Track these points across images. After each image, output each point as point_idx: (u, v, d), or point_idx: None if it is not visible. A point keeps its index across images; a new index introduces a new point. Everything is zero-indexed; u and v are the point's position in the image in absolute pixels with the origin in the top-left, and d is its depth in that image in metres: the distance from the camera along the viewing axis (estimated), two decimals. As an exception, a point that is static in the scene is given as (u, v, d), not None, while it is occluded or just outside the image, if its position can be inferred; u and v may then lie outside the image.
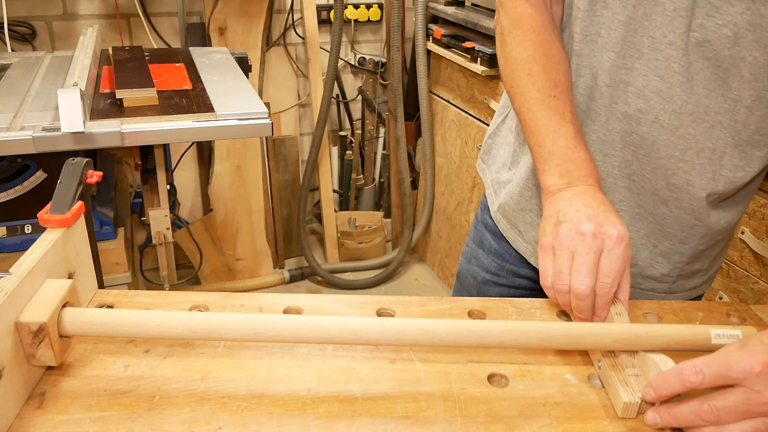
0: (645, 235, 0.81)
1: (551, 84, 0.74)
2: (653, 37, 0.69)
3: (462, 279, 1.05)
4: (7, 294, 0.51)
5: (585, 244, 0.63)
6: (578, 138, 0.73)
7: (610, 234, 0.64)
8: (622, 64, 0.72)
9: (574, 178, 0.71)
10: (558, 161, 0.72)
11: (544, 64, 0.75)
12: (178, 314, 0.56)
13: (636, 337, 0.57)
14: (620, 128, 0.75)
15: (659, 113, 0.72)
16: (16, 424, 0.51)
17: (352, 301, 0.70)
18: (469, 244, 1.04)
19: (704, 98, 0.69)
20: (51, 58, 1.70)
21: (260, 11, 2.22)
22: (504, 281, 0.97)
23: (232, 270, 2.41)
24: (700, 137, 0.71)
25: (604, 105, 0.75)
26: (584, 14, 0.73)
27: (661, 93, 0.70)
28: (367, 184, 2.74)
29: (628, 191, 0.78)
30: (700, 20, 0.66)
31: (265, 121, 1.30)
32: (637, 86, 0.72)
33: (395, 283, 2.56)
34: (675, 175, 0.74)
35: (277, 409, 0.54)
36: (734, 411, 0.50)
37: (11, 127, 1.19)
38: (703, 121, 0.70)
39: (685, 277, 0.85)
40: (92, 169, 0.68)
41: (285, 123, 2.49)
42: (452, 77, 2.26)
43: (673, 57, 0.68)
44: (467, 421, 0.54)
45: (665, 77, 0.70)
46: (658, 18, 0.68)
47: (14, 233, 1.52)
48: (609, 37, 0.72)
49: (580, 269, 0.62)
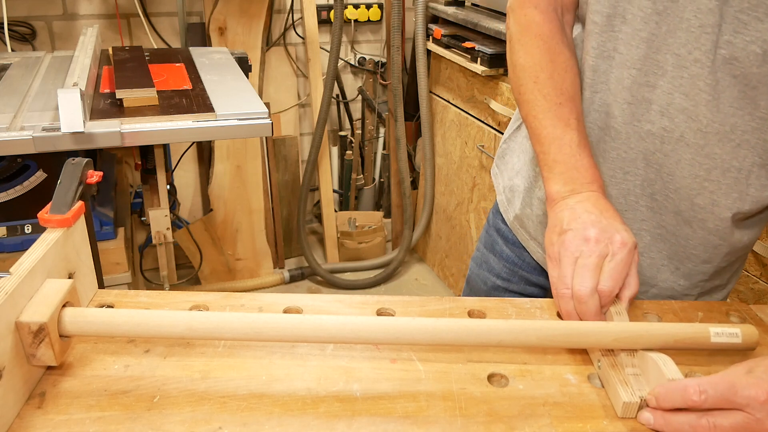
0: (667, 256, 0.79)
1: (557, 92, 0.74)
2: (678, 54, 0.67)
3: (472, 284, 1.04)
4: (7, 294, 0.51)
5: (588, 248, 0.64)
6: (582, 145, 0.72)
7: (614, 239, 0.64)
8: (645, 81, 0.70)
9: (577, 185, 0.71)
10: (562, 169, 0.72)
11: (550, 72, 0.75)
12: (178, 314, 0.56)
13: (636, 335, 0.57)
14: (643, 147, 0.73)
15: (684, 131, 0.70)
16: (16, 424, 0.51)
17: (352, 301, 0.70)
18: (480, 249, 1.02)
19: (731, 117, 0.67)
20: (51, 58, 1.70)
21: (260, 11, 2.22)
22: (515, 288, 0.96)
23: (232, 270, 2.41)
24: (726, 156, 0.69)
25: (625, 122, 0.73)
26: (601, 29, 0.72)
27: (687, 111, 0.69)
28: (367, 184, 2.74)
29: (650, 211, 0.77)
30: (728, 37, 0.63)
31: (265, 121, 1.30)
32: (660, 104, 0.70)
33: (395, 283, 2.56)
34: (700, 195, 0.72)
35: (277, 409, 0.54)
36: (730, 430, 0.50)
37: (11, 127, 1.19)
38: (730, 140, 0.68)
39: (705, 294, 0.83)
40: (92, 169, 0.68)
41: (285, 123, 2.49)
42: (452, 77, 2.26)
43: (699, 74, 0.66)
44: (467, 421, 0.54)
45: (690, 95, 0.68)
46: (683, 35, 0.66)
47: (14, 233, 1.52)
48: (629, 53, 0.70)
49: (582, 272, 0.63)
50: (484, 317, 0.68)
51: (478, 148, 2.13)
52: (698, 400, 0.50)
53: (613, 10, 0.70)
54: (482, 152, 2.10)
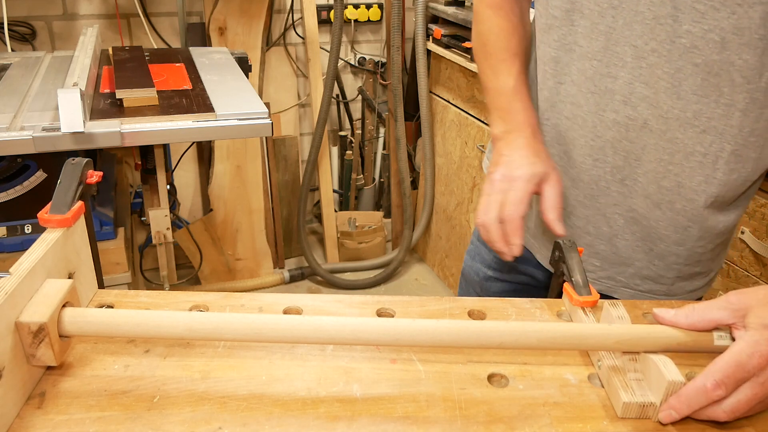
0: (640, 238, 0.82)
1: (502, 51, 0.85)
2: (635, 45, 0.70)
3: (466, 276, 1.08)
4: (7, 294, 0.51)
5: (493, 186, 0.76)
6: (517, 91, 0.81)
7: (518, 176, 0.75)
8: (606, 72, 0.73)
9: (511, 126, 0.80)
10: (500, 113, 0.82)
11: (497, 35, 0.85)
12: (178, 314, 0.55)
13: (638, 338, 0.57)
14: (610, 135, 0.76)
15: (647, 119, 0.73)
16: (16, 424, 0.51)
17: (352, 301, 0.70)
18: (473, 242, 1.06)
19: (694, 104, 0.70)
20: (51, 58, 1.70)
21: (260, 11, 2.22)
22: (507, 277, 0.99)
23: (232, 270, 2.41)
24: (689, 142, 0.72)
25: (591, 111, 0.76)
26: (561, 23, 0.75)
27: (648, 99, 0.72)
28: (367, 184, 2.74)
29: (621, 195, 0.80)
30: (687, 26, 0.66)
31: (265, 121, 1.30)
32: (623, 94, 0.73)
33: (395, 283, 2.56)
34: (666, 178, 0.76)
35: (277, 409, 0.54)
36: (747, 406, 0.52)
37: (11, 127, 1.19)
38: (693, 126, 0.71)
39: (684, 279, 0.85)
40: (92, 169, 0.68)
41: (285, 123, 2.49)
42: (452, 77, 2.26)
43: (657, 64, 0.69)
44: (467, 421, 0.54)
45: (650, 84, 0.71)
46: (638, 27, 0.69)
47: (14, 233, 1.52)
48: (589, 46, 0.74)
49: (483, 206, 0.75)
50: (485, 317, 0.68)
51: (478, 148, 2.13)
52: (723, 393, 0.52)
53: (571, 5, 0.74)
54: (482, 152, 2.10)
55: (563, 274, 0.71)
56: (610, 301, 0.64)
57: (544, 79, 0.81)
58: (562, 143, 0.82)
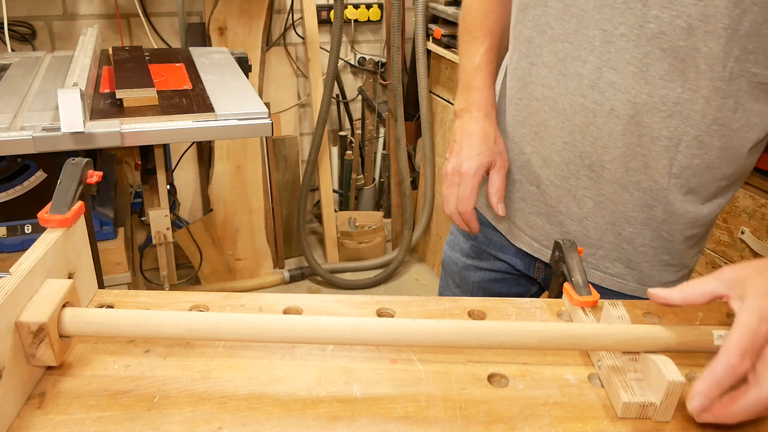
0: (609, 221, 0.83)
1: (476, 29, 0.89)
2: (605, 29, 0.71)
3: (446, 266, 1.09)
4: (7, 294, 0.51)
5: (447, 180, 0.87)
6: (480, 68, 0.87)
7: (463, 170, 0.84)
8: (576, 55, 0.74)
9: (468, 104, 0.87)
10: (461, 89, 0.89)
11: (476, 12, 0.90)
12: (178, 314, 0.56)
13: (638, 338, 0.57)
14: (578, 120, 0.77)
15: (614, 104, 0.74)
16: (16, 424, 0.51)
17: (352, 301, 0.70)
18: (452, 232, 1.08)
19: (661, 89, 0.71)
20: (51, 58, 1.70)
21: (260, 11, 2.22)
22: (485, 265, 1.01)
23: (232, 270, 2.41)
24: (656, 126, 0.73)
25: (561, 94, 0.77)
26: (536, 3, 0.77)
27: (615, 84, 0.73)
28: (367, 184, 2.74)
29: (590, 180, 0.81)
30: (656, 11, 0.67)
31: (265, 121, 1.30)
32: (591, 78, 0.74)
33: (395, 283, 2.56)
34: (633, 160, 0.77)
35: (277, 409, 0.54)
36: None
37: (11, 127, 1.19)
38: (660, 111, 0.72)
39: (653, 267, 0.86)
40: (92, 169, 0.68)
41: (285, 123, 2.49)
42: (452, 77, 2.26)
43: (625, 48, 0.70)
44: (467, 421, 0.54)
45: (618, 69, 0.72)
46: (608, 10, 0.70)
47: (14, 233, 1.52)
48: (561, 28, 0.75)
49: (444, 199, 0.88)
50: (485, 317, 0.68)
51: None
52: (748, 365, 0.51)
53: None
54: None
55: (563, 274, 0.71)
56: (610, 301, 0.64)
57: (519, 59, 0.82)
58: (533, 124, 0.83)
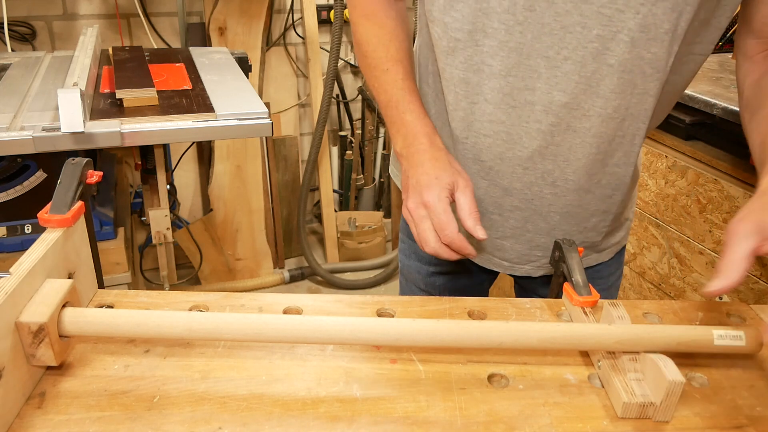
0: (575, 223, 0.85)
1: (383, 60, 0.81)
2: (547, 56, 0.71)
3: (406, 275, 1.07)
4: (7, 294, 0.51)
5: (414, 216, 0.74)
6: (405, 100, 0.79)
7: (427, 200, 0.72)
8: (523, 86, 0.74)
9: (409, 141, 0.78)
10: (396, 129, 0.80)
11: (375, 45, 0.83)
12: (178, 314, 0.56)
13: (638, 338, 0.57)
14: (536, 144, 0.77)
15: (570, 122, 0.75)
16: (16, 424, 0.51)
17: (352, 301, 0.70)
18: (404, 240, 1.05)
19: (612, 101, 0.72)
20: (51, 58, 1.70)
21: (260, 11, 2.22)
22: (447, 269, 1.00)
23: (232, 270, 2.41)
24: (611, 132, 0.75)
25: (514, 125, 0.77)
26: (465, 45, 0.74)
27: (568, 105, 0.73)
28: (367, 184, 2.74)
29: (554, 196, 0.82)
30: (596, 31, 0.68)
31: (265, 121, 1.30)
32: (543, 104, 0.74)
33: (395, 283, 2.56)
34: (593, 165, 0.78)
35: (277, 409, 0.54)
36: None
37: (11, 127, 1.19)
38: (613, 119, 0.74)
39: (609, 236, 0.91)
40: (92, 169, 0.68)
41: (285, 123, 2.49)
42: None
43: (572, 70, 0.71)
44: (467, 421, 0.54)
45: (567, 90, 0.72)
46: (547, 38, 0.70)
47: (14, 233, 1.52)
48: (500, 64, 0.73)
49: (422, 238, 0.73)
50: (485, 317, 0.68)
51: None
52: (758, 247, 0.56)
53: (473, 26, 0.73)
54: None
55: (563, 274, 0.71)
56: (610, 301, 0.64)
57: (456, 101, 0.79)
58: (487, 159, 0.81)
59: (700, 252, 1.52)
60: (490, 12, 0.70)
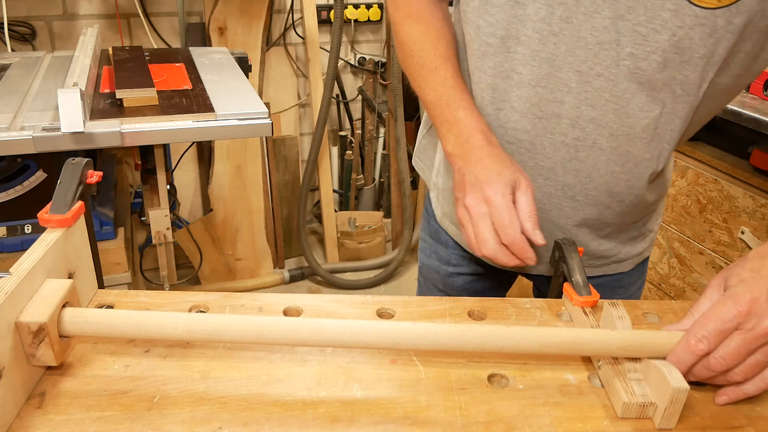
0: (590, 232, 0.85)
1: (431, 58, 0.80)
2: (579, 71, 0.70)
3: (425, 274, 1.07)
4: (7, 294, 0.51)
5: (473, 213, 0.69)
6: (457, 98, 0.76)
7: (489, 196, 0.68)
8: (552, 98, 0.73)
9: (464, 139, 0.74)
10: (447, 127, 0.76)
11: (422, 44, 0.81)
12: (178, 315, 0.56)
13: (640, 344, 0.57)
14: (559, 156, 0.76)
15: (596, 139, 0.74)
16: (16, 424, 0.51)
17: (352, 301, 0.70)
18: (425, 240, 1.05)
19: (641, 120, 0.71)
20: (51, 58, 1.70)
21: (260, 11, 2.22)
22: (466, 270, 1.00)
23: (232, 270, 2.41)
24: (638, 152, 0.74)
25: (538, 135, 0.76)
26: (496, 50, 0.74)
27: (596, 120, 0.72)
28: (367, 184, 2.74)
29: (573, 210, 0.81)
30: (629, 49, 0.67)
31: (265, 121, 1.30)
32: (570, 117, 0.73)
33: (395, 283, 2.56)
34: (617, 184, 0.78)
35: (277, 409, 0.54)
36: (737, 354, 0.54)
37: (11, 127, 1.19)
38: (641, 139, 0.73)
39: (626, 245, 0.90)
40: (92, 169, 0.68)
41: (285, 123, 2.49)
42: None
43: (603, 87, 0.70)
44: (467, 421, 0.54)
45: (597, 106, 0.71)
46: (581, 53, 0.69)
47: (14, 233, 1.52)
48: (530, 73, 0.72)
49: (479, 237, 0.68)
50: (485, 318, 0.68)
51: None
52: (705, 347, 0.55)
53: (506, 32, 0.72)
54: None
55: (563, 274, 0.71)
56: (610, 301, 0.64)
57: (482, 106, 0.79)
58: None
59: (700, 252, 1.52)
60: (526, 20, 0.70)
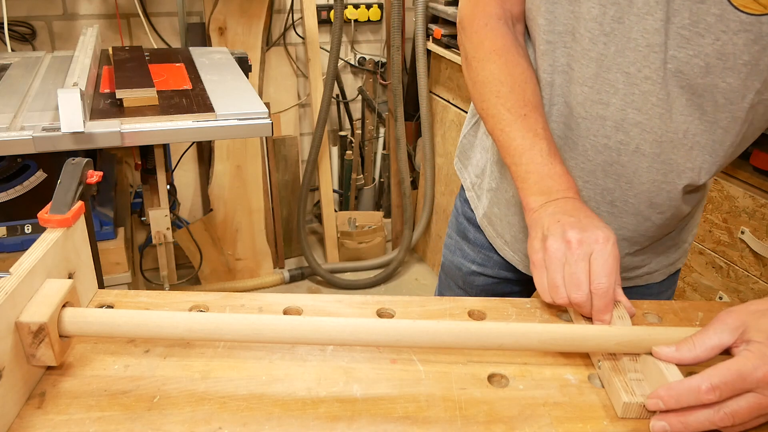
0: (627, 245, 0.84)
1: (520, 103, 0.74)
2: (628, 72, 0.69)
3: (447, 270, 1.07)
4: (7, 294, 0.51)
5: (573, 252, 0.63)
6: (553, 153, 0.72)
7: (596, 237, 0.63)
8: (598, 99, 0.72)
9: (553, 193, 0.70)
10: (536, 178, 0.72)
11: (511, 85, 0.75)
12: (178, 315, 0.55)
13: (639, 340, 0.57)
14: (601, 159, 0.76)
15: (639, 143, 0.73)
16: (16, 424, 0.51)
17: (352, 301, 0.70)
18: (452, 236, 1.05)
19: (682, 125, 0.70)
20: (51, 58, 1.70)
21: (260, 11, 2.22)
22: (490, 272, 0.99)
23: (232, 270, 2.41)
24: (680, 160, 0.73)
25: (582, 136, 0.75)
26: (554, 46, 0.73)
27: (641, 125, 0.71)
28: (367, 184, 2.74)
29: (611, 216, 0.80)
30: (673, 51, 0.66)
31: (265, 121, 1.30)
32: (615, 120, 0.72)
33: (395, 283, 2.56)
34: (658, 195, 0.76)
35: (277, 409, 0.54)
36: (748, 414, 0.51)
37: (11, 127, 1.19)
38: (683, 146, 0.72)
39: (659, 255, 0.89)
40: (92, 169, 0.68)
41: (285, 123, 2.49)
42: (452, 77, 2.26)
43: (650, 91, 0.69)
44: (467, 421, 0.54)
45: (643, 110, 0.70)
46: (631, 54, 0.68)
47: (14, 233, 1.52)
48: (581, 71, 0.72)
49: (573, 278, 0.62)
50: (485, 317, 0.68)
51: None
52: (714, 398, 0.50)
53: (564, 27, 0.71)
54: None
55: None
56: (611, 302, 0.64)
57: None
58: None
59: (700, 252, 1.52)
60: (580, 17, 0.69)
